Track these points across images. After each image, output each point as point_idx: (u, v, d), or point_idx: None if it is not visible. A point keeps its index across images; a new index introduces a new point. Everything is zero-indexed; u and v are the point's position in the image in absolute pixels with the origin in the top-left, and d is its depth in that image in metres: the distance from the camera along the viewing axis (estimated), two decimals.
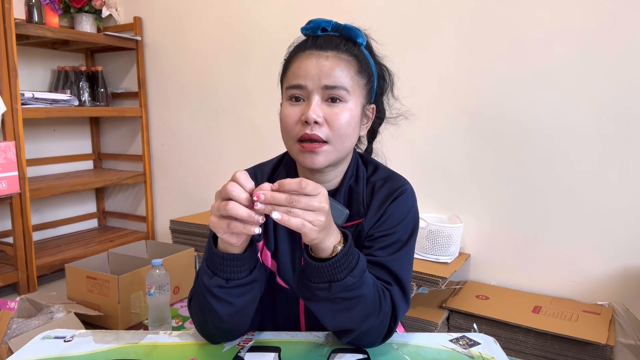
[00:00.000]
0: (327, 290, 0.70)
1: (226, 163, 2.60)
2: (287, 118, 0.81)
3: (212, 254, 0.73)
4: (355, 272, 0.71)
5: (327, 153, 0.80)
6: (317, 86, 0.79)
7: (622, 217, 1.74)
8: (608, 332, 1.59)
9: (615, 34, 1.69)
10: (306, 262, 0.71)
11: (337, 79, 0.79)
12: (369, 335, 0.79)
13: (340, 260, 0.70)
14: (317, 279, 0.70)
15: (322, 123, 0.78)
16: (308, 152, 0.79)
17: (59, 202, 2.83)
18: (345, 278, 0.70)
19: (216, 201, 0.67)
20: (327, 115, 0.79)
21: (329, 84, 0.78)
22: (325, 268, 0.69)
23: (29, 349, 0.81)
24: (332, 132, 0.79)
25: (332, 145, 0.80)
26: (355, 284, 0.71)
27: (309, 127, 0.78)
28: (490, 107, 1.91)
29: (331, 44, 0.81)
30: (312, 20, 0.85)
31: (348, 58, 0.81)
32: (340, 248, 0.71)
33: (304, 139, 0.79)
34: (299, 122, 0.80)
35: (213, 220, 0.67)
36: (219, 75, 2.56)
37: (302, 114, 0.79)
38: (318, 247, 0.70)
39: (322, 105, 0.79)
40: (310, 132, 0.78)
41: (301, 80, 0.80)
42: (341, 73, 0.79)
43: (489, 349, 0.81)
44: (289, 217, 0.64)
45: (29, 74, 2.61)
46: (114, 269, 2.12)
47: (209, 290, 0.74)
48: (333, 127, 0.79)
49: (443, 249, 1.87)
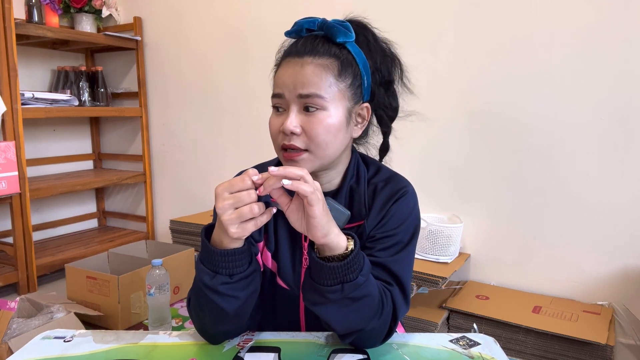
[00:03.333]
0: (340, 292, 0.70)
1: (226, 163, 2.60)
2: (271, 127, 0.82)
3: (210, 254, 0.73)
4: (364, 271, 0.71)
5: (307, 161, 0.80)
6: (293, 95, 0.78)
7: (622, 217, 1.74)
8: (608, 332, 1.59)
9: (615, 32, 1.69)
10: (316, 265, 0.71)
11: (312, 87, 0.77)
12: (371, 336, 0.79)
13: (354, 259, 0.70)
14: (330, 280, 0.70)
15: (299, 133, 0.78)
16: (288, 160, 0.80)
17: (59, 202, 2.83)
18: (357, 278, 0.70)
19: (225, 201, 0.68)
20: (304, 125, 0.78)
21: (303, 93, 0.78)
22: (338, 268, 0.69)
23: (29, 349, 0.81)
24: (311, 142, 0.79)
25: (312, 154, 0.80)
26: (364, 283, 0.71)
27: (287, 137, 0.79)
28: (490, 106, 1.91)
29: (308, 48, 0.80)
30: (296, 22, 0.84)
31: (326, 62, 0.79)
32: (353, 245, 0.71)
33: (284, 147, 0.80)
34: (280, 131, 0.80)
35: (238, 231, 0.68)
36: (219, 75, 2.56)
37: (282, 124, 0.79)
38: (330, 244, 0.70)
39: (300, 114, 0.79)
40: (289, 142, 0.79)
41: (279, 89, 0.80)
42: (317, 79, 0.78)
43: (489, 349, 0.81)
44: (299, 182, 0.66)
45: (29, 74, 2.61)
46: (114, 269, 2.12)
47: (214, 289, 0.73)
48: (310, 137, 0.78)
49: (443, 249, 1.87)
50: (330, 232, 0.69)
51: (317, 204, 0.67)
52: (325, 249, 0.71)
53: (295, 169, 0.67)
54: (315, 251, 0.73)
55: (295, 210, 0.71)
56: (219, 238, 0.72)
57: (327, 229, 0.69)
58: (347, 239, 0.72)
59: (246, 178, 0.68)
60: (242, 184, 0.68)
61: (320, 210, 0.67)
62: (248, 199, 0.67)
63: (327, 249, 0.71)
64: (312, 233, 0.69)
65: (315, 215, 0.67)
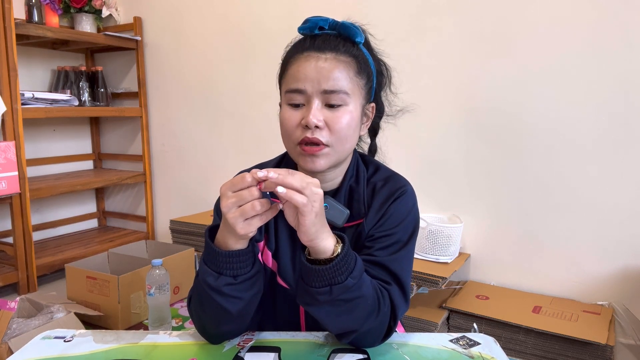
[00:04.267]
0: (329, 294, 0.70)
1: (226, 163, 2.60)
2: (287, 121, 0.81)
3: (214, 255, 0.73)
4: (355, 273, 0.71)
5: (328, 156, 0.80)
6: (316, 90, 0.78)
7: (622, 217, 1.74)
8: (608, 332, 1.59)
9: (615, 32, 1.69)
10: (305, 267, 0.71)
11: (337, 82, 0.78)
12: (369, 336, 0.79)
13: (340, 262, 0.70)
14: (318, 283, 0.70)
15: (322, 127, 0.78)
16: (309, 155, 0.80)
17: (59, 202, 2.83)
18: (345, 280, 0.70)
19: (229, 199, 0.68)
20: (328, 119, 0.79)
21: (329, 89, 0.78)
22: (325, 271, 0.69)
23: (29, 349, 0.81)
24: (333, 136, 0.79)
25: (333, 148, 0.80)
26: (355, 285, 0.71)
27: (310, 131, 0.78)
28: (490, 106, 1.91)
29: (330, 44, 0.80)
30: (309, 19, 0.83)
31: (347, 59, 0.80)
32: (340, 249, 0.71)
33: (305, 142, 0.79)
34: (299, 125, 0.79)
35: (244, 227, 0.68)
36: (219, 75, 2.56)
37: (303, 117, 0.79)
38: (316, 248, 0.70)
39: (322, 109, 0.79)
40: (311, 135, 0.78)
41: (300, 84, 0.79)
42: (340, 76, 0.78)
43: (489, 349, 0.81)
44: (294, 192, 0.65)
45: (29, 74, 2.61)
46: (114, 269, 2.12)
47: (218, 290, 0.73)
48: (334, 131, 0.79)
49: (443, 249, 1.87)
50: (316, 238, 0.69)
51: (309, 215, 0.67)
52: (312, 252, 0.72)
53: (296, 179, 0.66)
54: (305, 252, 0.73)
55: (291, 205, 0.70)
56: (224, 239, 0.73)
57: (315, 235, 0.69)
58: (337, 242, 0.72)
59: (246, 176, 0.68)
60: (243, 181, 0.68)
61: (310, 221, 0.67)
62: (249, 197, 0.67)
63: (314, 252, 0.71)
64: (299, 235, 0.70)
65: (304, 224, 0.68)
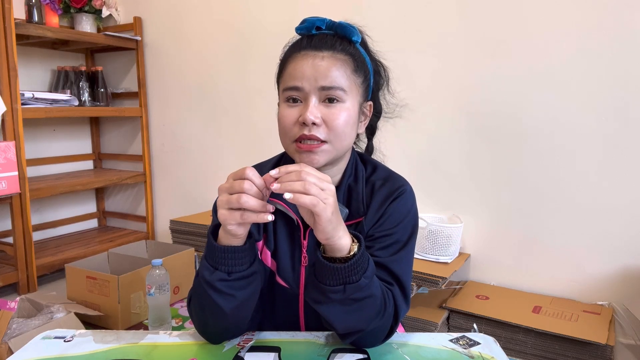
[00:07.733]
0: (342, 292, 0.70)
1: (226, 163, 2.60)
2: (284, 119, 0.81)
3: (212, 249, 0.74)
4: (368, 273, 0.71)
5: (325, 152, 0.80)
6: (313, 87, 0.79)
7: (622, 217, 1.74)
8: (608, 332, 1.59)
9: (615, 32, 1.68)
10: (321, 264, 0.71)
11: (334, 79, 0.79)
12: (372, 336, 0.79)
13: (357, 262, 0.70)
14: (332, 281, 0.70)
15: (320, 124, 0.79)
16: (305, 151, 0.80)
17: (59, 202, 2.83)
18: (359, 280, 0.70)
19: (223, 195, 0.70)
20: (325, 116, 0.79)
21: (326, 85, 0.79)
22: (341, 270, 0.70)
23: (29, 349, 0.81)
24: (331, 132, 0.79)
25: (330, 145, 0.80)
26: (368, 284, 0.71)
27: (307, 128, 0.79)
28: (490, 106, 1.91)
29: (327, 43, 0.81)
30: (306, 19, 0.84)
31: (344, 57, 0.81)
32: (357, 249, 0.71)
33: (302, 139, 0.79)
34: (296, 123, 0.80)
35: (224, 213, 0.69)
36: (219, 75, 2.56)
37: (300, 115, 0.79)
38: (333, 246, 0.70)
39: (320, 106, 0.80)
40: (309, 132, 0.79)
41: (297, 81, 0.80)
42: (337, 73, 0.79)
43: (489, 349, 0.81)
44: (300, 195, 0.65)
45: (29, 74, 2.61)
46: (114, 269, 2.12)
47: (211, 284, 0.74)
48: (331, 128, 0.79)
49: (443, 249, 1.87)
50: (333, 236, 0.69)
51: (323, 213, 0.67)
52: (328, 249, 0.72)
53: (298, 183, 0.66)
54: (320, 249, 0.73)
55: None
56: (220, 236, 0.74)
57: (332, 233, 0.69)
58: (353, 241, 0.72)
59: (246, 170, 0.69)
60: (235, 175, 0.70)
61: (326, 219, 0.67)
62: (238, 188, 0.68)
63: (330, 250, 0.71)
64: (316, 233, 0.70)
65: (320, 223, 0.68)
